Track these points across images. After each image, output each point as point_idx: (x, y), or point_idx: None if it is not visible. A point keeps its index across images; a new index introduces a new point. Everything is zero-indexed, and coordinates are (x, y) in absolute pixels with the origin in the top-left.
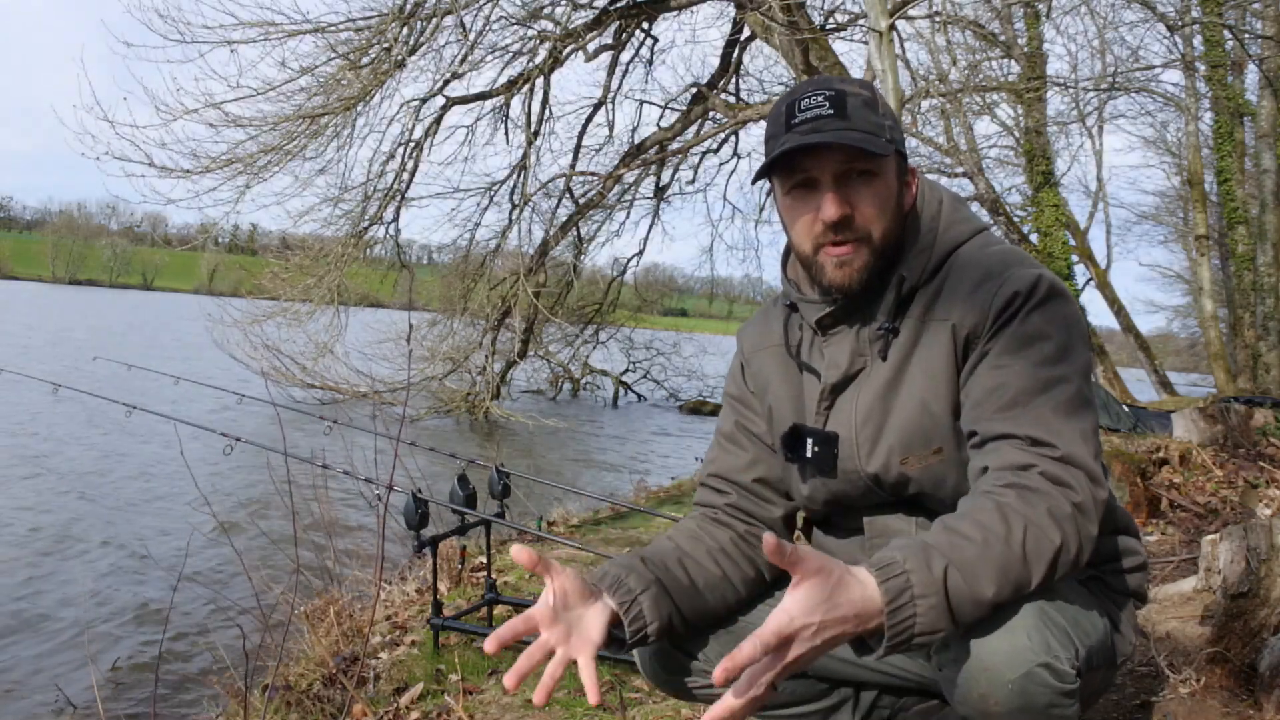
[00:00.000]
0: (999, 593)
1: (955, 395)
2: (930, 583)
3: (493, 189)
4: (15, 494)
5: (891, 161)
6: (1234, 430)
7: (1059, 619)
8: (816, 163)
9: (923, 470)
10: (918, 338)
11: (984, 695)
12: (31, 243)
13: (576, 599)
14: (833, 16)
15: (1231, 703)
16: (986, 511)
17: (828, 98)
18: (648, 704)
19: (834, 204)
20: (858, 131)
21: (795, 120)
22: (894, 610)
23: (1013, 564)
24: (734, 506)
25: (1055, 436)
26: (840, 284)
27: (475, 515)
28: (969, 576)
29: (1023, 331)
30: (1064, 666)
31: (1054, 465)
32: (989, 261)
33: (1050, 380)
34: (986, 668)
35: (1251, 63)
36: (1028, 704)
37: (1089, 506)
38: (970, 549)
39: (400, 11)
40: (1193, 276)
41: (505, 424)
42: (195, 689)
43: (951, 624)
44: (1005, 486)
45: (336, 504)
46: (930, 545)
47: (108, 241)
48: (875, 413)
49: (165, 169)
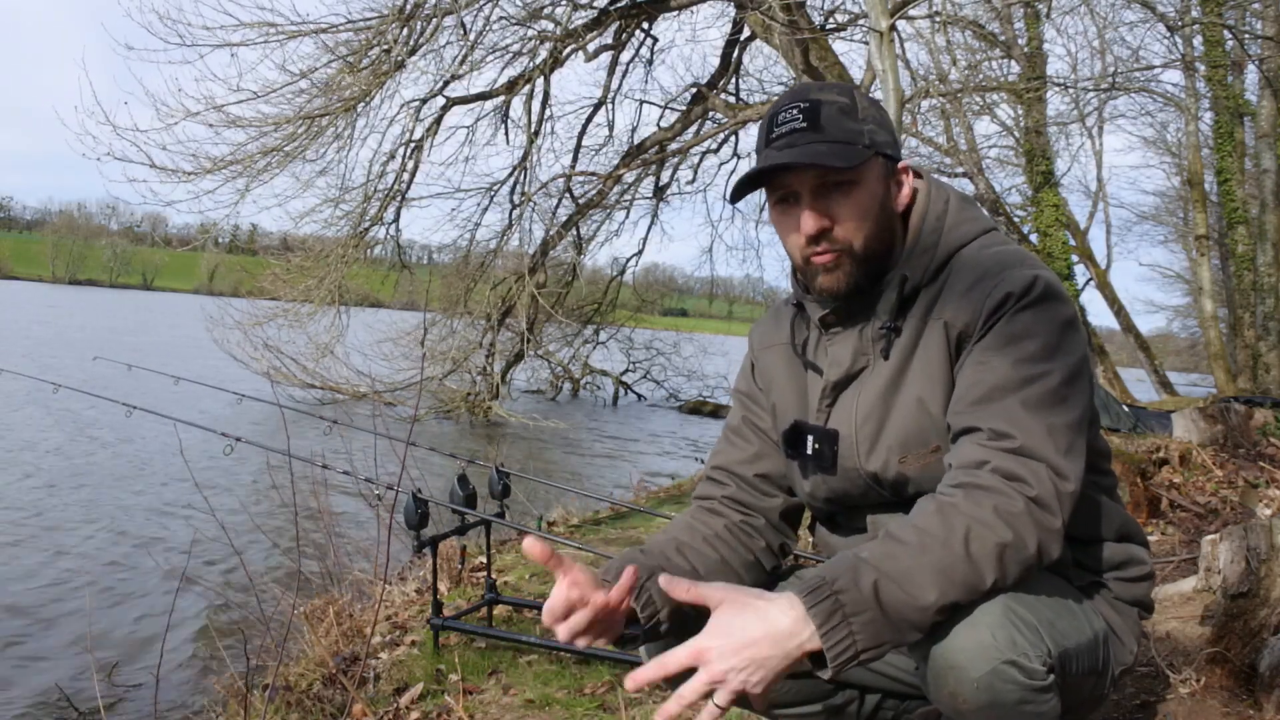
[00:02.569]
0: (943, 595)
1: (950, 393)
2: (860, 599)
3: (493, 189)
4: (15, 494)
5: (873, 166)
6: (1234, 430)
7: (1028, 617)
8: (795, 177)
9: (921, 469)
10: (919, 337)
11: (953, 693)
12: (31, 243)
13: (591, 592)
14: (833, 16)
15: (1231, 703)
16: (928, 514)
17: (802, 110)
18: (648, 704)
19: (811, 219)
20: (829, 144)
21: (773, 135)
22: (828, 631)
23: (954, 565)
24: (731, 498)
25: (1016, 428)
26: (829, 289)
27: (475, 515)
28: (905, 584)
29: (1009, 330)
30: (1032, 664)
31: (1008, 459)
32: (988, 262)
33: (1027, 377)
34: (952, 666)
35: (1251, 63)
36: (995, 700)
37: (1048, 499)
38: (905, 556)
39: (400, 12)
40: (1193, 276)
41: (505, 424)
42: (196, 689)
43: (897, 633)
44: (955, 486)
45: (337, 504)
46: (863, 559)
47: (108, 241)
48: (876, 411)
49: (166, 171)
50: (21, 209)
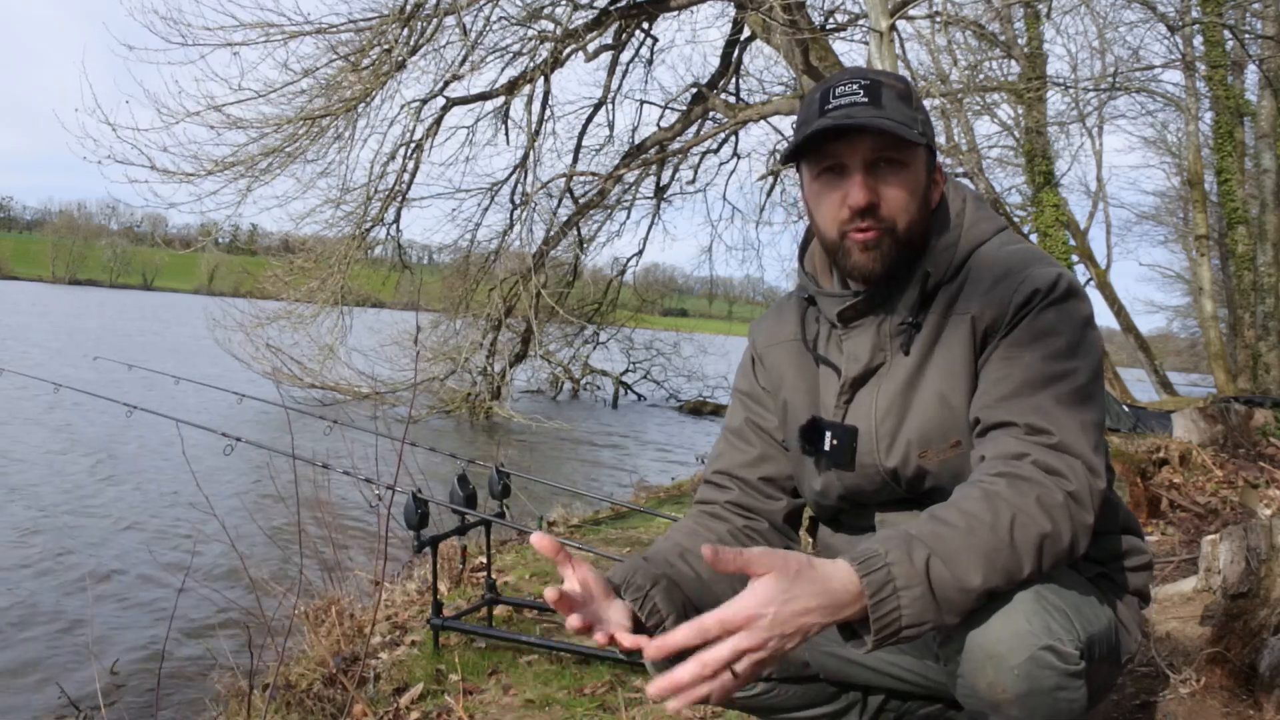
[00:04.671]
0: (987, 580)
1: (973, 388)
2: (913, 574)
3: (494, 189)
4: (15, 494)
5: (922, 154)
6: (1234, 430)
7: (1058, 602)
8: (847, 148)
9: (941, 464)
10: (939, 332)
11: (992, 683)
12: (31, 243)
13: (599, 593)
14: (833, 16)
15: (1231, 703)
16: (973, 499)
17: (863, 86)
18: (648, 704)
19: (861, 189)
20: (891, 120)
21: (829, 106)
22: (878, 603)
23: (1000, 551)
24: (734, 503)
25: (1053, 424)
26: (864, 268)
27: (475, 515)
28: (953, 565)
29: (1036, 326)
30: (1067, 648)
31: (1048, 453)
32: (1011, 259)
33: (1057, 373)
34: (991, 655)
35: (1251, 63)
36: (1034, 688)
37: (1083, 495)
38: (955, 537)
39: (401, 12)
40: (1193, 276)
41: (505, 424)
42: (197, 689)
43: (939, 614)
44: (996, 475)
45: (337, 504)
46: (913, 536)
47: (108, 242)
48: (896, 407)
49: (167, 172)
50: (21, 209)
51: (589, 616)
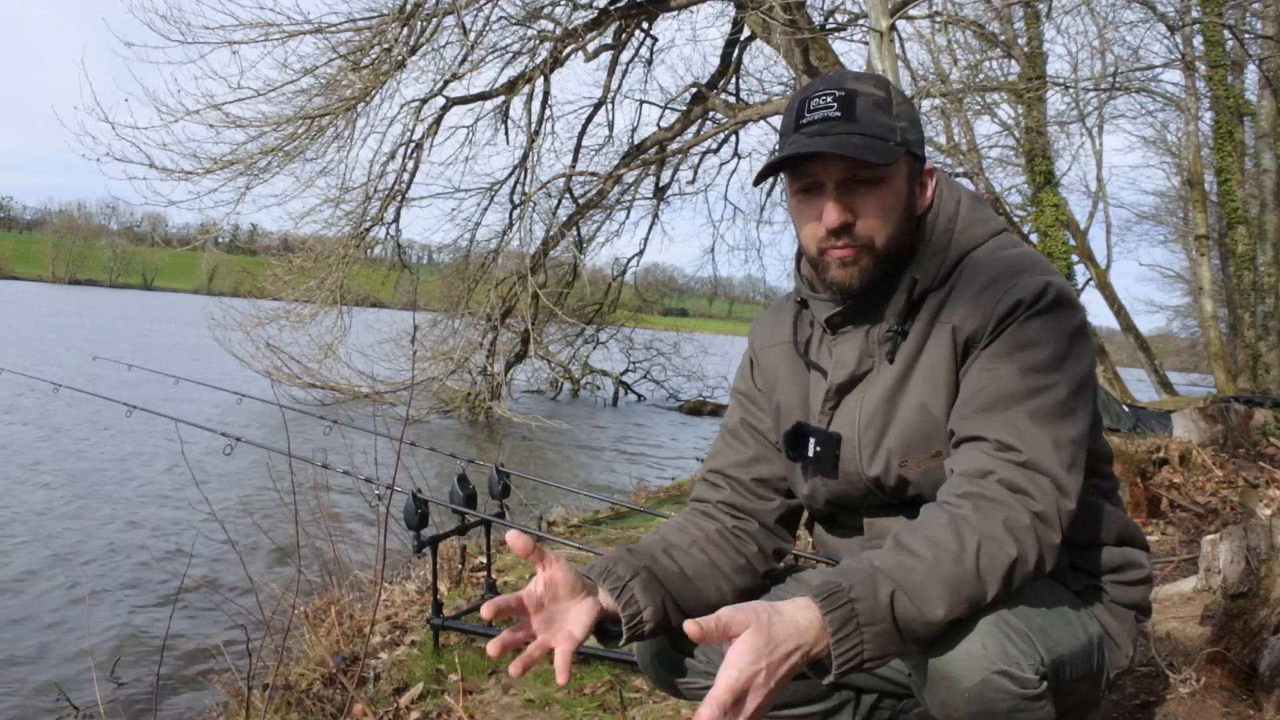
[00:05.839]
0: (951, 611)
1: (954, 398)
2: (876, 610)
3: (493, 189)
4: (15, 494)
5: (901, 165)
6: (1234, 430)
7: (1019, 625)
8: (821, 167)
9: (922, 474)
10: (924, 341)
11: (944, 702)
12: (31, 243)
13: (565, 593)
14: (833, 16)
15: (1231, 703)
16: (940, 526)
17: (837, 99)
18: (648, 704)
19: (835, 211)
20: (862, 137)
21: (803, 121)
22: (840, 639)
23: (965, 581)
24: (725, 503)
25: (1023, 441)
26: (842, 284)
27: (475, 515)
28: (918, 599)
29: (1018, 337)
30: (1025, 673)
31: (1015, 471)
32: (999, 266)
33: (1034, 388)
34: (944, 675)
35: (1251, 63)
36: (987, 709)
37: (1050, 515)
38: (920, 570)
39: (401, 12)
40: (1193, 276)
41: (505, 424)
42: (196, 688)
43: (902, 645)
44: (962, 496)
45: (337, 504)
46: (878, 569)
47: (108, 241)
48: (879, 415)
49: (166, 170)
50: (21, 209)
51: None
